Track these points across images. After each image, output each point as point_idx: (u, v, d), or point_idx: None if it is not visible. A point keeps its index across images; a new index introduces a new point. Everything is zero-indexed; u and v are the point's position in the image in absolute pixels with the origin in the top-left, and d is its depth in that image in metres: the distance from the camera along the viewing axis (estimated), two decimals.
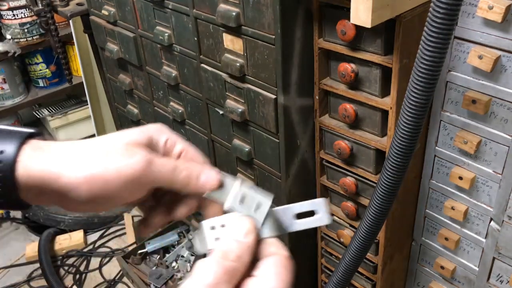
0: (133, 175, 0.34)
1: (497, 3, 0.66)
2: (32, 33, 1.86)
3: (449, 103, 0.80)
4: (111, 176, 0.34)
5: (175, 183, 0.37)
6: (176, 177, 0.37)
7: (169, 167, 0.37)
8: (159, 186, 0.37)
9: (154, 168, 0.35)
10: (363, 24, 0.66)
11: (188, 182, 0.37)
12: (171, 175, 0.37)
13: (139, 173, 0.35)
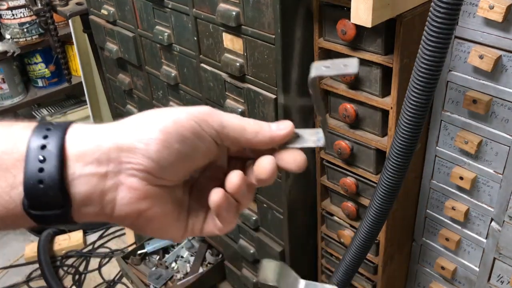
0: (202, 113, 0.33)
1: (497, 3, 0.66)
2: (31, 33, 1.86)
3: (450, 103, 0.80)
4: (181, 115, 0.32)
5: (245, 129, 0.34)
6: (245, 122, 0.35)
7: (236, 116, 0.35)
8: (228, 135, 0.34)
9: (221, 112, 0.34)
10: (363, 24, 0.66)
11: (260, 128, 0.35)
12: (239, 119, 0.35)
13: (207, 113, 0.33)
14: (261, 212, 1.11)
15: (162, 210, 0.34)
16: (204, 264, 1.49)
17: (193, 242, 1.55)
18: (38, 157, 0.30)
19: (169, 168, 0.33)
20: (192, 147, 0.33)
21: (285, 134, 0.35)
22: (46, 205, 0.30)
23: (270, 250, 1.13)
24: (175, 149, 0.32)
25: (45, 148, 0.30)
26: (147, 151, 0.31)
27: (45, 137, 0.31)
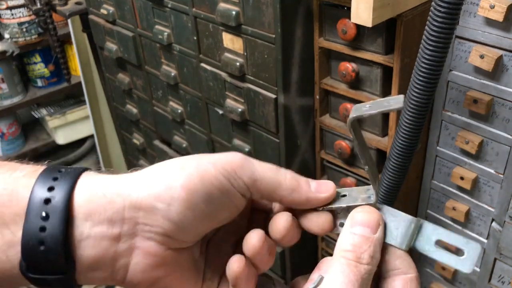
0: (232, 164, 0.29)
1: (498, 2, 0.66)
2: (31, 33, 1.86)
3: (450, 102, 0.80)
4: (209, 167, 0.28)
5: (280, 186, 0.30)
6: (280, 176, 0.30)
7: (271, 168, 0.31)
8: (260, 189, 0.30)
9: (253, 162, 0.30)
10: (363, 23, 0.66)
11: (297, 186, 0.31)
12: (274, 173, 0.30)
13: (238, 164, 0.29)
14: None
15: (180, 277, 0.31)
16: None
17: None
18: (41, 214, 0.26)
19: (191, 230, 0.29)
20: (219, 205, 0.29)
21: (324, 199, 0.31)
22: (46, 269, 0.27)
23: None
24: (200, 210, 0.28)
25: (50, 202, 0.26)
26: (168, 212, 0.28)
27: (50, 189, 0.27)
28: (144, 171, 0.30)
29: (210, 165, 0.29)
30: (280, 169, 0.31)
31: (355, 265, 0.27)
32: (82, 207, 0.27)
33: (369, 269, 0.27)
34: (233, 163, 0.30)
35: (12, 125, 2.04)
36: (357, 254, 0.27)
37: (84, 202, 0.27)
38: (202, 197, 0.28)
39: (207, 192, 0.28)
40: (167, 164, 0.30)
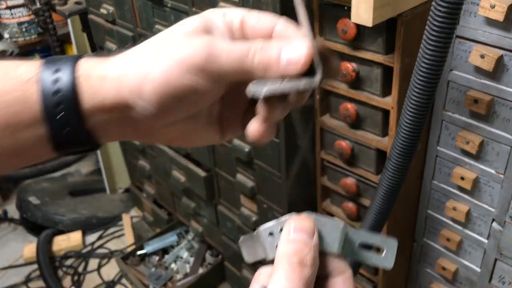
0: (195, 64, 0.29)
1: (499, 2, 0.65)
2: (30, 32, 1.85)
3: (451, 102, 0.80)
4: (173, 71, 0.29)
5: (249, 72, 0.30)
6: (248, 63, 0.30)
7: (238, 51, 0.29)
8: (231, 78, 0.30)
9: (218, 53, 0.29)
10: (364, 23, 0.65)
11: (266, 68, 0.30)
12: (240, 61, 0.29)
13: (201, 61, 0.29)
14: (261, 212, 1.11)
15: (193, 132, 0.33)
16: (204, 264, 1.48)
17: (193, 243, 1.55)
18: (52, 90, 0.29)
19: (177, 116, 0.31)
20: (194, 98, 0.30)
21: (299, 71, 0.29)
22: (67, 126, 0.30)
23: None
24: (175, 106, 0.30)
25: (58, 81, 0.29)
26: (147, 106, 0.30)
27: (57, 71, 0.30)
28: (127, 58, 0.31)
29: (175, 65, 0.29)
30: (248, 50, 0.30)
31: (300, 270, 0.27)
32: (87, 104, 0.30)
33: (313, 272, 0.28)
34: (198, 59, 0.29)
35: None
36: (300, 258, 0.28)
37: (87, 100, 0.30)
38: (170, 97, 0.30)
39: (175, 93, 0.30)
40: (144, 58, 0.31)
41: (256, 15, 0.32)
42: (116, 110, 0.31)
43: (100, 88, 0.30)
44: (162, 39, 0.31)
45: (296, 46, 0.29)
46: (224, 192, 1.22)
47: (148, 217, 1.71)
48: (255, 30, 0.32)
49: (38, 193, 1.93)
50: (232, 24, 0.32)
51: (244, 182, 1.09)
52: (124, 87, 0.30)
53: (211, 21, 0.32)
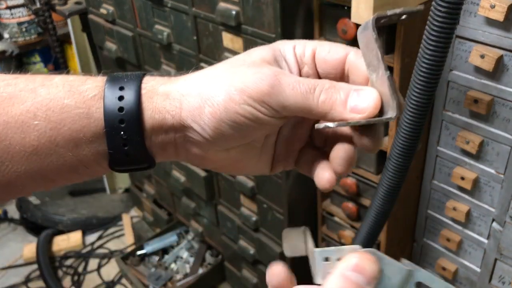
0: (257, 94, 0.28)
1: (499, 2, 0.65)
2: (30, 32, 1.85)
3: (451, 102, 0.80)
4: (235, 98, 0.29)
5: (312, 109, 0.29)
6: (313, 101, 0.29)
7: (303, 88, 0.29)
8: (292, 113, 0.30)
9: (282, 86, 0.29)
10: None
11: (331, 109, 0.29)
12: (305, 98, 0.29)
13: (264, 91, 0.28)
14: (261, 213, 1.11)
15: (244, 161, 0.33)
16: (203, 265, 1.48)
17: (193, 243, 1.55)
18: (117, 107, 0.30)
19: (230, 143, 0.31)
20: (250, 129, 0.30)
21: (360, 120, 0.28)
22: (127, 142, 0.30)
23: (270, 250, 1.12)
24: (230, 133, 0.30)
25: (123, 99, 0.30)
26: (203, 132, 0.30)
27: (121, 89, 0.30)
28: (190, 80, 0.31)
29: (237, 93, 0.29)
30: (314, 88, 0.29)
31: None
32: (147, 125, 0.30)
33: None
34: (261, 91, 0.29)
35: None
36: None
37: (148, 121, 0.30)
38: (228, 124, 0.30)
39: (234, 120, 0.30)
40: (207, 83, 0.31)
41: (327, 46, 0.32)
42: (174, 131, 0.31)
43: (162, 107, 0.30)
44: (228, 66, 0.31)
45: (366, 95, 0.29)
46: (224, 192, 1.22)
47: (148, 217, 1.71)
48: (327, 62, 0.32)
49: (38, 193, 1.93)
50: (303, 56, 0.32)
51: (244, 182, 1.09)
52: (184, 109, 0.30)
53: (280, 53, 0.32)
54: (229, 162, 0.34)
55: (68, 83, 0.30)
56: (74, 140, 0.30)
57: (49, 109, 0.29)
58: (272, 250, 1.11)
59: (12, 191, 0.31)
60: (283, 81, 0.29)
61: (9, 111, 0.29)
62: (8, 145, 0.29)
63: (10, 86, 0.29)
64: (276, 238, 1.10)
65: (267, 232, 1.12)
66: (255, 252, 1.19)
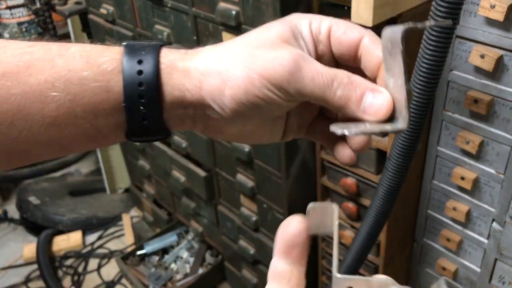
0: (278, 81, 0.29)
1: (499, 2, 0.65)
2: (30, 32, 1.85)
3: (451, 102, 0.80)
4: (254, 83, 0.29)
5: (326, 100, 0.30)
6: (330, 94, 0.29)
7: (322, 80, 0.29)
8: (308, 99, 0.30)
9: (302, 74, 0.29)
10: (364, 23, 0.65)
11: (345, 105, 0.30)
12: (322, 90, 0.29)
13: (284, 79, 0.29)
14: (261, 212, 1.11)
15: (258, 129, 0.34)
16: (203, 265, 1.48)
17: (193, 243, 1.55)
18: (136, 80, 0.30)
19: (250, 122, 0.32)
20: (268, 109, 0.31)
21: (375, 120, 0.29)
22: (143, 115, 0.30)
23: (270, 250, 1.12)
24: (249, 114, 0.31)
25: (142, 73, 0.30)
26: (222, 112, 0.31)
27: (139, 62, 0.30)
28: (211, 57, 0.31)
29: (257, 77, 0.30)
30: (332, 82, 0.29)
31: None
32: (166, 100, 0.31)
33: None
34: (280, 77, 0.29)
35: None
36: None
37: (167, 97, 0.31)
38: (247, 105, 0.30)
39: (253, 102, 0.30)
40: (226, 62, 0.31)
41: (343, 26, 0.32)
42: (193, 107, 0.31)
43: (182, 84, 0.30)
44: (247, 44, 0.31)
45: (380, 99, 0.29)
46: (224, 192, 1.22)
47: (148, 217, 1.70)
48: (341, 43, 0.32)
49: (38, 193, 1.93)
50: (319, 34, 0.32)
51: (244, 182, 1.09)
52: (204, 88, 0.30)
53: (298, 29, 0.32)
54: (244, 134, 0.34)
55: (85, 53, 0.30)
56: (93, 112, 0.30)
57: (67, 81, 0.29)
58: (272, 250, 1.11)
59: (29, 158, 0.31)
60: (303, 69, 0.29)
61: (27, 81, 0.28)
62: (27, 115, 0.29)
63: (26, 54, 0.29)
64: None
65: (267, 232, 1.12)
66: (255, 252, 1.18)
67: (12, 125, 0.28)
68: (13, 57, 0.29)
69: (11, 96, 0.28)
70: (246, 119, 0.32)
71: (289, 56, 0.30)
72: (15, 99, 0.28)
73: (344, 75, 0.30)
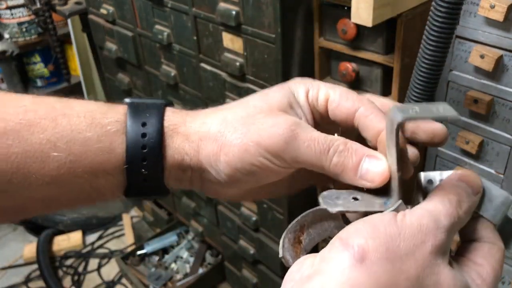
0: (273, 149, 0.29)
1: (498, 2, 0.65)
2: (30, 32, 1.85)
3: (451, 102, 0.80)
4: (250, 150, 0.29)
5: (323, 168, 0.30)
6: (326, 162, 0.29)
7: (318, 147, 0.29)
8: (304, 166, 0.30)
9: (298, 143, 0.29)
10: (364, 23, 0.65)
11: (342, 172, 0.30)
12: (318, 158, 0.29)
13: (280, 147, 0.29)
14: (261, 212, 1.11)
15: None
16: (203, 264, 1.48)
17: (193, 243, 1.55)
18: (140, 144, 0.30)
19: (244, 187, 0.32)
20: (263, 176, 0.31)
21: (371, 186, 0.29)
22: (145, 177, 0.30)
23: (270, 250, 1.12)
24: (244, 180, 0.31)
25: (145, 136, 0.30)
26: (218, 176, 0.31)
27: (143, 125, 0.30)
28: (210, 122, 0.32)
29: (253, 145, 0.30)
30: (328, 150, 0.29)
31: (455, 207, 0.27)
32: (167, 163, 0.31)
33: (463, 219, 0.27)
34: (276, 146, 0.29)
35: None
36: (458, 200, 0.27)
37: (168, 160, 0.31)
38: (242, 172, 0.30)
39: (248, 169, 0.30)
40: (223, 128, 0.31)
41: (338, 97, 0.32)
42: (191, 170, 0.32)
43: (182, 148, 0.31)
44: (245, 110, 0.31)
45: (376, 166, 0.29)
46: None
47: (148, 217, 1.71)
48: (336, 115, 0.32)
49: None
50: (316, 102, 0.32)
51: None
52: (201, 153, 0.31)
53: (295, 98, 0.32)
54: (244, 195, 0.34)
55: (89, 114, 0.30)
56: (94, 172, 0.30)
57: (70, 141, 0.29)
58: (272, 250, 1.11)
59: (24, 213, 0.31)
60: (299, 137, 0.29)
61: (29, 139, 0.28)
62: (26, 173, 0.28)
63: (29, 112, 0.29)
64: (276, 238, 1.10)
65: (267, 232, 1.13)
66: (255, 252, 1.19)
67: (10, 183, 0.28)
68: (15, 114, 0.28)
69: (11, 155, 0.28)
70: (242, 184, 0.32)
71: (285, 124, 0.30)
72: (15, 158, 0.28)
73: (341, 142, 0.30)
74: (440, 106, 0.28)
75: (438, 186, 0.29)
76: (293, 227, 0.30)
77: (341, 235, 0.25)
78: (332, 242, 0.25)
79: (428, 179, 0.30)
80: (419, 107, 0.27)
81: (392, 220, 0.25)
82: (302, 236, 0.30)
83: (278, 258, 1.09)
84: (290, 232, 0.30)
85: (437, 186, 0.29)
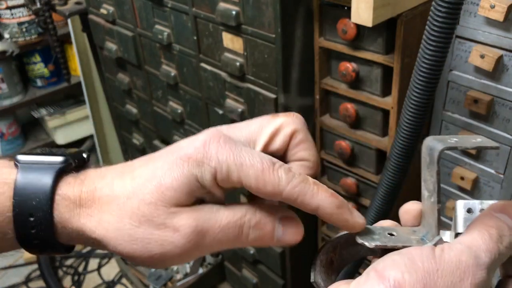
0: (177, 253, 0.28)
1: (498, 2, 0.65)
2: (30, 32, 1.85)
3: (451, 102, 0.80)
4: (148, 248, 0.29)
5: (244, 246, 0.30)
6: (243, 241, 0.30)
7: (232, 232, 0.29)
8: (227, 248, 0.30)
9: (207, 239, 0.28)
10: (364, 23, 0.65)
11: (261, 243, 0.30)
12: (233, 242, 0.29)
13: (186, 249, 0.28)
14: None
15: None
16: (204, 264, 1.48)
17: None
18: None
19: None
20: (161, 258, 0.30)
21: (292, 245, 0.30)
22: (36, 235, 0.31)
23: (270, 250, 1.12)
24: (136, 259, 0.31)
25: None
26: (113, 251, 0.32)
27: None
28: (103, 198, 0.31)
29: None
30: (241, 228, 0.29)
31: (496, 242, 0.26)
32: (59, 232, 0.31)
33: (504, 254, 0.27)
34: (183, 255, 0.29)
35: (12, 125, 2.04)
36: (499, 234, 0.26)
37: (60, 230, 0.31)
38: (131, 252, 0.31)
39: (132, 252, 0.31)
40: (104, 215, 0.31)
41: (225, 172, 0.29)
42: (83, 238, 0.32)
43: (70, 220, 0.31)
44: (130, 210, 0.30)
45: (291, 224, 0.30)
46: None
47: None
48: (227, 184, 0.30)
49: None
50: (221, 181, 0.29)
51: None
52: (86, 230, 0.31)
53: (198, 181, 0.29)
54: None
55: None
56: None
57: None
58: (272, 250, 1.11)
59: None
60: (208, 234, 0.28)
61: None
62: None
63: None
64: None
65: None
66: (255, 252, 1.19)
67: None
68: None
69: None
70: (137, 260, 0.31)
71: (189, 229, 0.28)
72: None
73: (250, 216, 0.29)
74: (478, 138, 0.28)
75: (478, 217, 0.28)
76: (326, 249, 0.30)
77: (377, 266, 0.25)
78: (368, 272, 0.25)
79: (468, 208, 0.30)
80: (457, 138, 0.28)
81: (430, 255, 0.25)
82: (334, 257, 0.31)
83: (278, 258, 1.09)
84: (323, 253, 0.30)
85: (477, 217, 0.28)
